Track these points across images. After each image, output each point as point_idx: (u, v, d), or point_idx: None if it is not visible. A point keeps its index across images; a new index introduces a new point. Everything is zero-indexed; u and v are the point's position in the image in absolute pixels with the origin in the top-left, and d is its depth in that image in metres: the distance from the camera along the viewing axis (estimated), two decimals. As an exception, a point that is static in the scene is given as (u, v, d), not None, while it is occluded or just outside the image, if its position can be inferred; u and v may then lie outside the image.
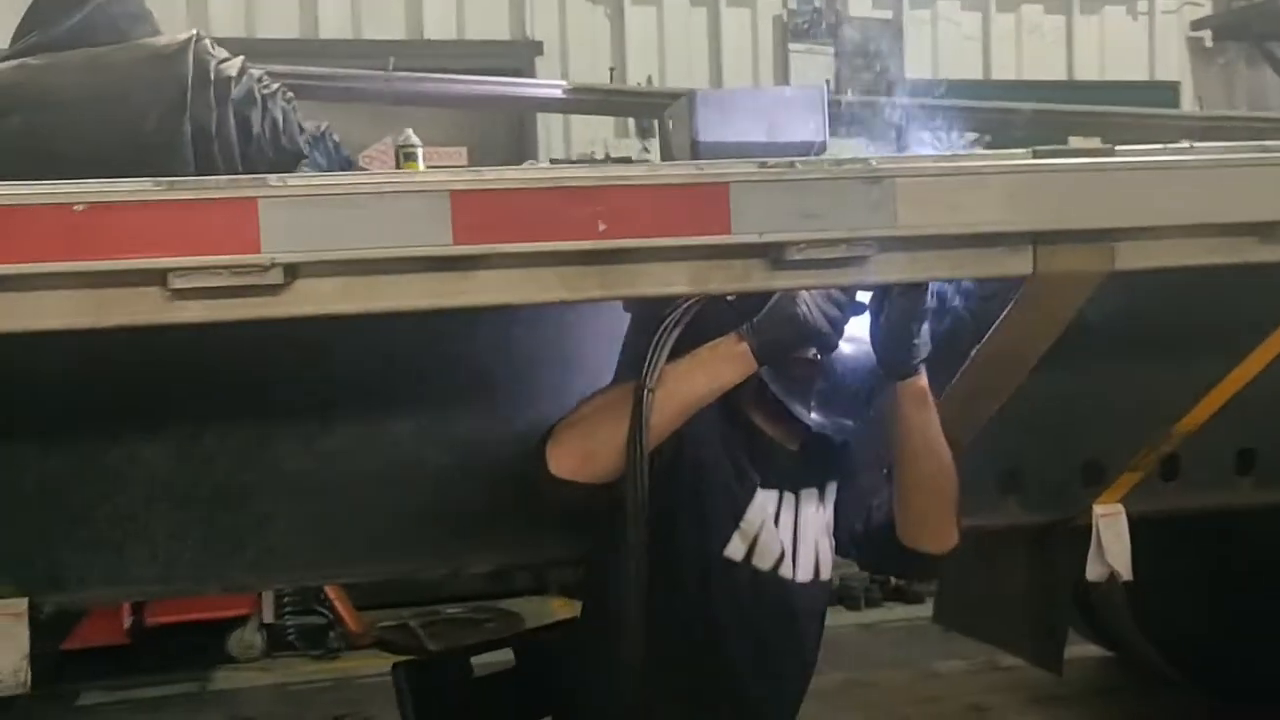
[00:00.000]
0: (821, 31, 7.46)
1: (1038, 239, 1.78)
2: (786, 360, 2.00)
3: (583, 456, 1.91)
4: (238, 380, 2.27)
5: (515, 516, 2.39)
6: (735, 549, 2.16)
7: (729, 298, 1.94)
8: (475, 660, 2.54)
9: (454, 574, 2.51)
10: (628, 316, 2.25)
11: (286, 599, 6.10)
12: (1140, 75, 8.02)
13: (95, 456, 2.25)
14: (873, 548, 2.20)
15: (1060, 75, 7.91)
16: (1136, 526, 2.75)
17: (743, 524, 2.16)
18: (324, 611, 6.16)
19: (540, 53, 7.11)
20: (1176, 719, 4.76)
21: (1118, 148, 1.82)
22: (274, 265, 1.51)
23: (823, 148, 2.46)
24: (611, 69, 7.20)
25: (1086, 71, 7.95)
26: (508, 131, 6.91)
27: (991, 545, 3.10)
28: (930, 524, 2.09)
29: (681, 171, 1.64)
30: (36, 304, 1.51)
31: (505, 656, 2.58)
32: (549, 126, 7.11)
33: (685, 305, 1.95)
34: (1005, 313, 1.94)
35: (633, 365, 2.13)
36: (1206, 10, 8.03)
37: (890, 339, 1.91)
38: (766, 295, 1.91)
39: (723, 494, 2.15)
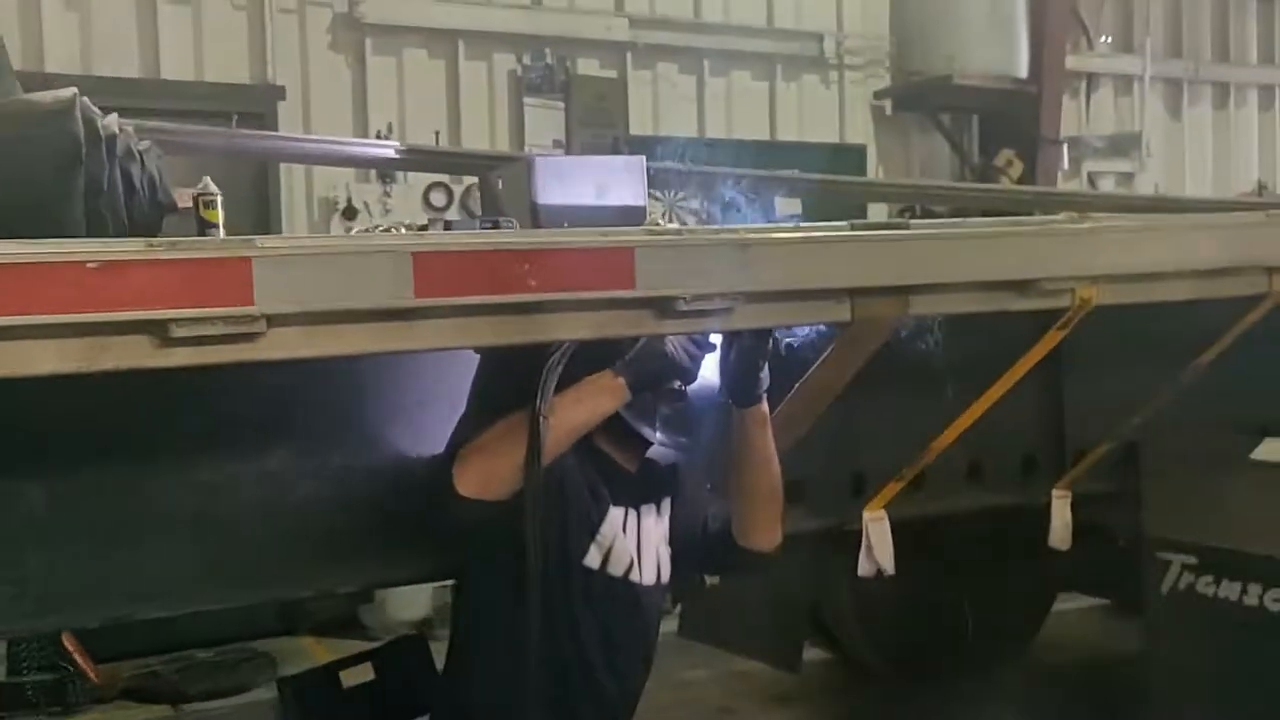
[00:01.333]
0: (554, 87, 7.90)
1: (854, 293, 2.24)
2: (655, 391, 2.36)
3: (485, 477, 2.21)
4: (114, 420, 2.39)
5: (377, 541, 2.64)
6: (592, 558, 2.50)
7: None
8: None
9: (320, 596, 2.67)
10: (473, 361, 2.56)
11: (23, 654, 5.85)
12: (833, 138, 8.94)
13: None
14: (711, 552, 2.60)
15: (765, 135, 8.69)
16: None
17: (599, 536, 2.50)
18: (65, 665, 5.95)
19: (283, 98, 7.18)
20: (889, 709, 5.38)
21: (911, 220, 2.30)
22: (261, 316, 1.74)
23: (643, 212, 2.86)
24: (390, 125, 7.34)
25: (788, 133, 8.77)
26: (254, 176, 6.93)
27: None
28: (763, 526, 2.52)
29: (595, 238, 1.98)
30: (36, 351, 1.67)
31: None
32: (291, 170, 7.19)
33: (565, 346, 2.28)
34: (828, 352, 2.39)
35: (484, 399, 2.46)
36: (887, 82, 9.06)
37: (740, 373, 2.32)
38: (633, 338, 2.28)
39: (580, 511, 2.49)
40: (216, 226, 2.85)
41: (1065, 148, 8.97)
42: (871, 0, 8.99)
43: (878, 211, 7.94)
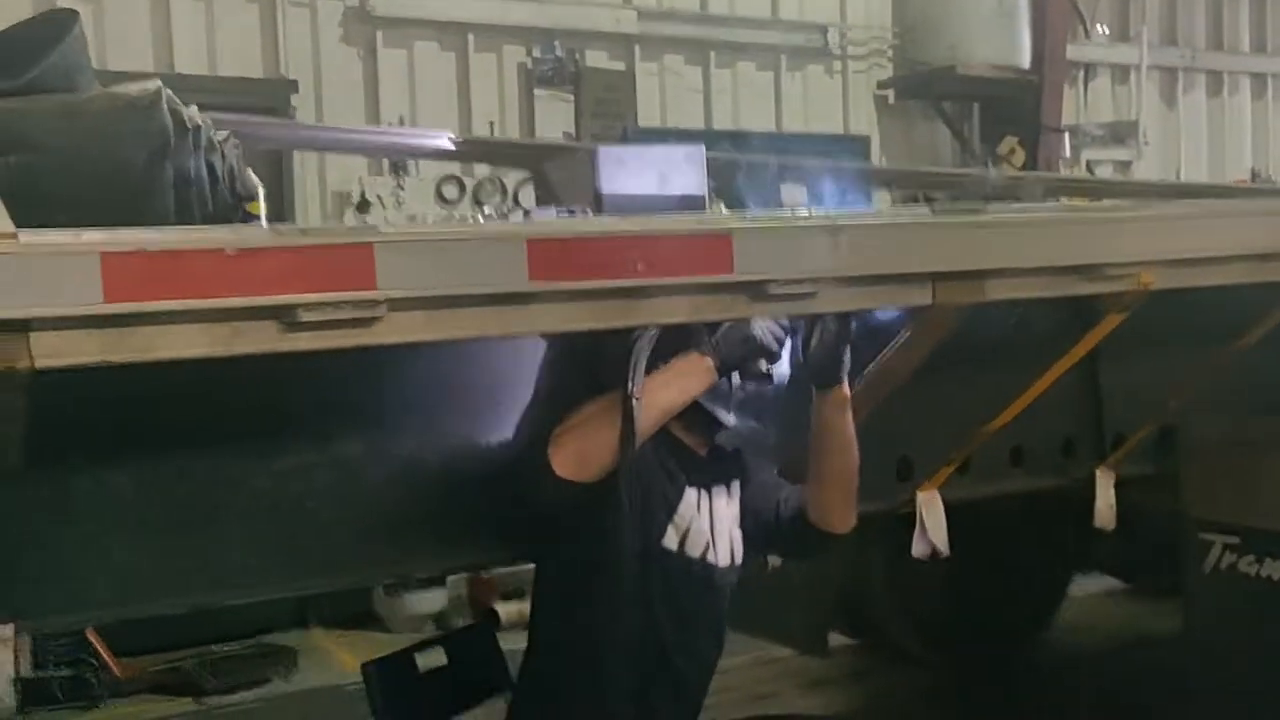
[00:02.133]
0: (563, 79, 7.93)
1: (935, 277, 2.29)
2: (742, 372, 2.41)
3: (581, 457, 2.26)
4: (189, 409, 2.42)
5: (451, 527, 2.68)
6: (670, 540, 2.55)
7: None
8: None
9: (398, 580, 2.72)
10: (535, 349, 2.60)
11: (48, 649, 5.87)
12: (837, 128, 9.00)
13: (58, 483, 2.35)
14: (784, 533, 2.66)
15: (770, 126, 8.75)
16: (895, 527, 3.30)
17: (676, 518, 2.55)
18: (89, 659, 5.97)
19: (295, 91, 7.18)
20: (922, 691, 5.46)
21: (984, 207, 2.36)
22: (384, 300, 1.78)
23: (704, 201, 2.91)
24: (401, 118, 7.36)
25: (793, 123, 8.83)
26: (267, 170, 6.93)
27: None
28: (839, 508, 2.57)
29: (695, 224, 2.03)
30: (178, 335, 1.70)
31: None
32: (304, 163, 7.20)
33: (652, 330, 2.33)
34: (904, 335, 2.44)
35: (551, 386, 2.51)
36: (890, 72, 9.12)
37: (823, 356, 2.37)
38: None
39: (659, 493, 2.54)
40: (258, 218, 2.88)
41: (1067, 136, 9.04)
42: (874, -9, 9.06)
43: (880, 200, 8.01)
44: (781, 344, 2.34)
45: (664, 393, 2.31)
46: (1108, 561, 5.62)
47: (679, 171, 2.91)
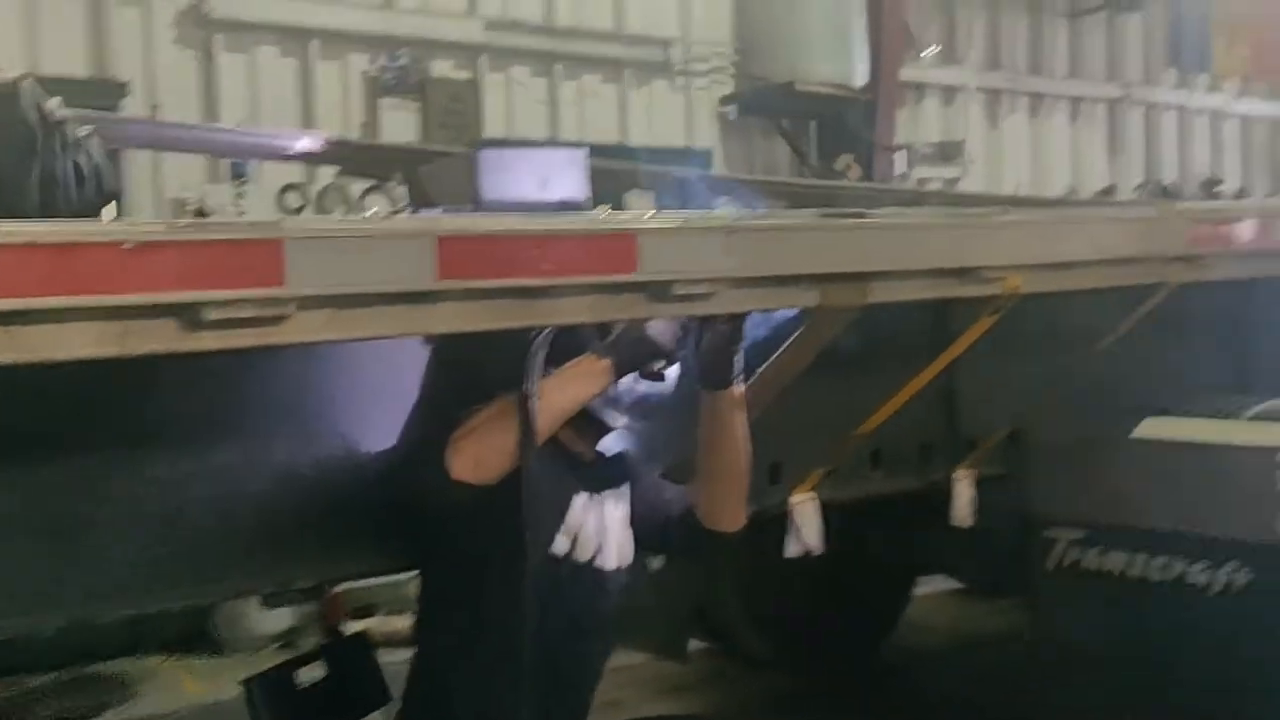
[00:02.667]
0: (409, 88, 7.83)
1: (822, 279, 2.35)
2: (640, 373, 2.42)
3: (478, 460, 2.23)
4: (63, 415, 2.31)
5: (333, 534, 2.61)
6: (560, 545, 2.54)
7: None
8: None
9: (279, 590, 2.62)
10: (417, 352, 2.57)
11: None
12: (681, 141, 9.13)
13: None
14: (674, 534, 2.67)
15: (616, 139, 8.81)
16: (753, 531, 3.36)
17: (566, 523, 2.54)
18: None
19: (126, 94, 6.89)
20: (774, 695, 5.56)
21: (868, 212, 2.43)
22: (292, 299, 1.72)
23: (584, 204, 2.92)
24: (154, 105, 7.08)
25: (638, 136, 8.91)
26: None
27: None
28: (730, 507, 2.60)
29: (600, 224, 2.03)
30: (65, 334, 1.61)
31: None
32: (138, 167, 6.91)
33: (546, 331, 2.31)
34: (794, 337, 2.49)
35: (441, 388, 2.48)
36: (732, 88, 9.31)
37: (716, 357, 2.39)
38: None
39: (548, 498, 2.52)
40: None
41: (900, 153, 9.39)
42: (716, 9, 9.23)
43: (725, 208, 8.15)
44: (677, 345, 2.36)
45: (561, 395, 2.30)
46: (949, 563, 5.82)
47: (559, 175, 2.93)
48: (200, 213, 7.01)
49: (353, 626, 6.11)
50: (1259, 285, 4.00)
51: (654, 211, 2.45)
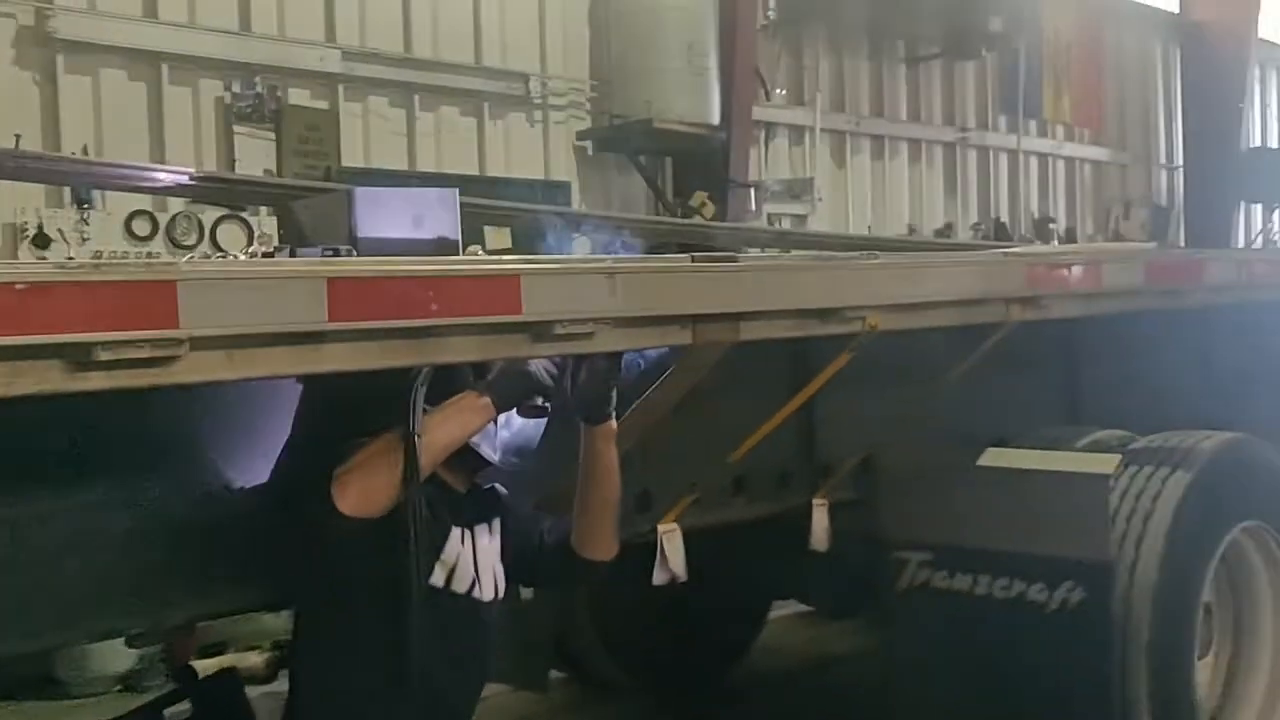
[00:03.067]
0: (264, 116, 7.73)
1: (696, 319, 2.46)
2: (519, 408, 2.48)
3: (364, 494, 2.27)
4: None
5: (204, 571, 2.60)
6: (437, 577, 2.58)
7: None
8: None
9: (144, 632, 2.57)
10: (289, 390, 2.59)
11: None
12: (539, 174, 9.22)
13: None
14: (549, 564, 2.74)
15: (474, 170, 8.85)
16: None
17: (443, 556, 2.59)
18: None
19: (-41, 117, 6.63)
20: (627, 715, 5.64)
21: (740, 256, 2.56)
22: (186, 339, 1.75)
23: (457, 245, 2.98)
24: (17, 135, 6.87)
25: (495, 169, 8.97)
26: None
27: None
28: (603, 537, 2.69)
29: (486, 266, 2.10)
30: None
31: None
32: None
33: (425, 369, 2.36)
34: (667, 373, 2.60)
35: (311, 425, 2.52)
36: (589, 124, 9.45)
37: (594, 392, 2.48)
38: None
39: (425, 532, 2.56)
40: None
41: (753, 190, 9.66)
42: (574, 44, 9.38)
43: (581, 245, 8.26)
44: (556, 381, 2.44)
45: (443, 430, 2.36)
46: (802, 587, 5.99)
47: (433, 214, 2.96)
48: (40, 239, 6.80)
49: (202, 665, 5.99)
50: (1087, 325, 4.31)
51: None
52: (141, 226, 7.08)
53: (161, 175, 3.76)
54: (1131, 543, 3.64)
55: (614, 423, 2.57)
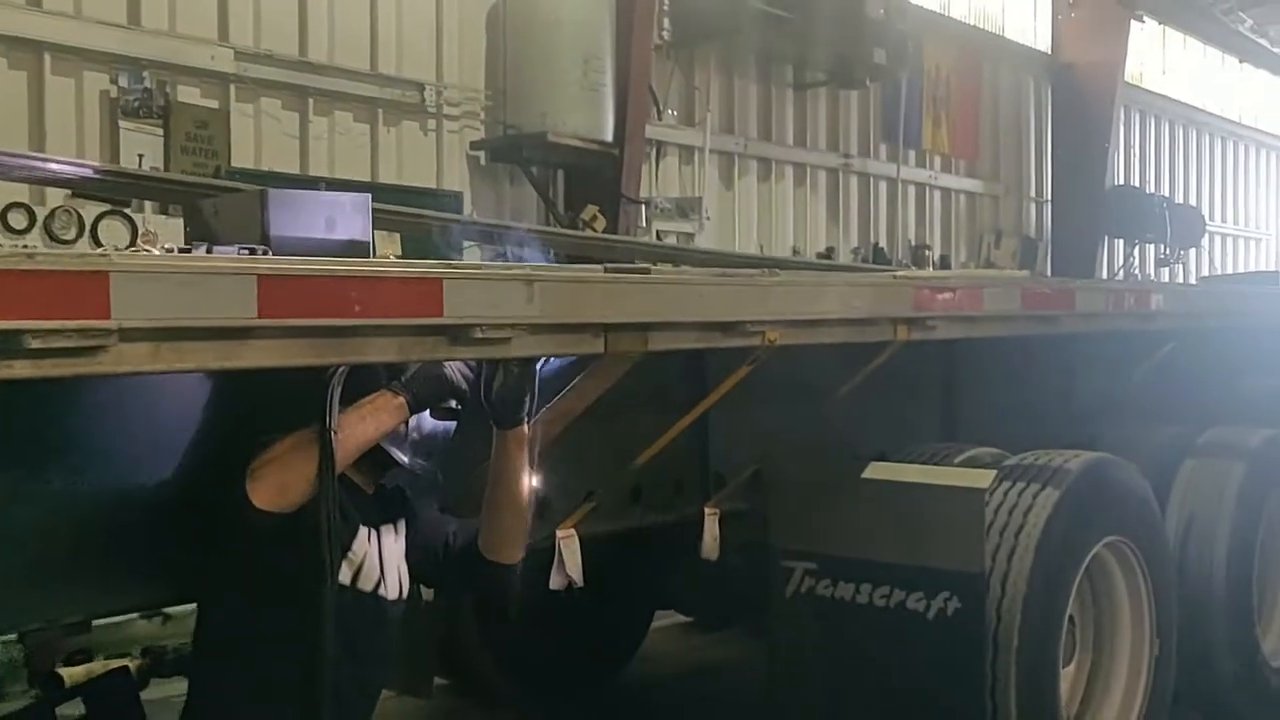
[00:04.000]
0: (151, 112, 7.59)
1: (608, 329, 2.54)
2: (433, 410, 2.53)
3: (280, 488, 2.30)
4: None
5: (102, 567, 2.59)
6: (344, 575, 2.62)
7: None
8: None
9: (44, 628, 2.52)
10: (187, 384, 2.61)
11: None
12: (431, 183, 9.21)
13: None
14: (455, 566, 2.79)
15: (366, 177, 8.79)
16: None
17: (350, 554, 2.63)
18: None
19: None
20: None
21: (652, 268, 2.65)
22: (115, 330, 1.77)
23: (368, 247, 3.02)
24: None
25: (388, 175, 8.93)
26: None
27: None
28: (511, 540, 2.75)
29: (410, 268, 2.15)
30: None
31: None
32: None
33: (341, 368, 2.40)
34: (577, 380, 2.67)
35: (221, 421, 2.54)
36: (483, 134, 9.48)
37: (508, 397, 2.54)
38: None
39: (333, 530, 2.59)
40: None
41: (644, 207, 9.80)
42: (470, 55, 9.40)
43: (472, 254, 8.29)
44: (470, 384, 2.50)
45: (359, 428, 2.40)
46: (685, 596, 6.10)
47: (345, 218, 3.00)
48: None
49: (68, 673, 5.84)
50: (964, 348, 4.52)
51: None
52: (18, 219, 6.87)
53: (62, 167, 3.69)
54: (1004, 555, 3.83)
55: (526, 427, 2.64)
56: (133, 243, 6.86)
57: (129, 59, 7.52)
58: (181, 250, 2.46)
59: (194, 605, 2.69)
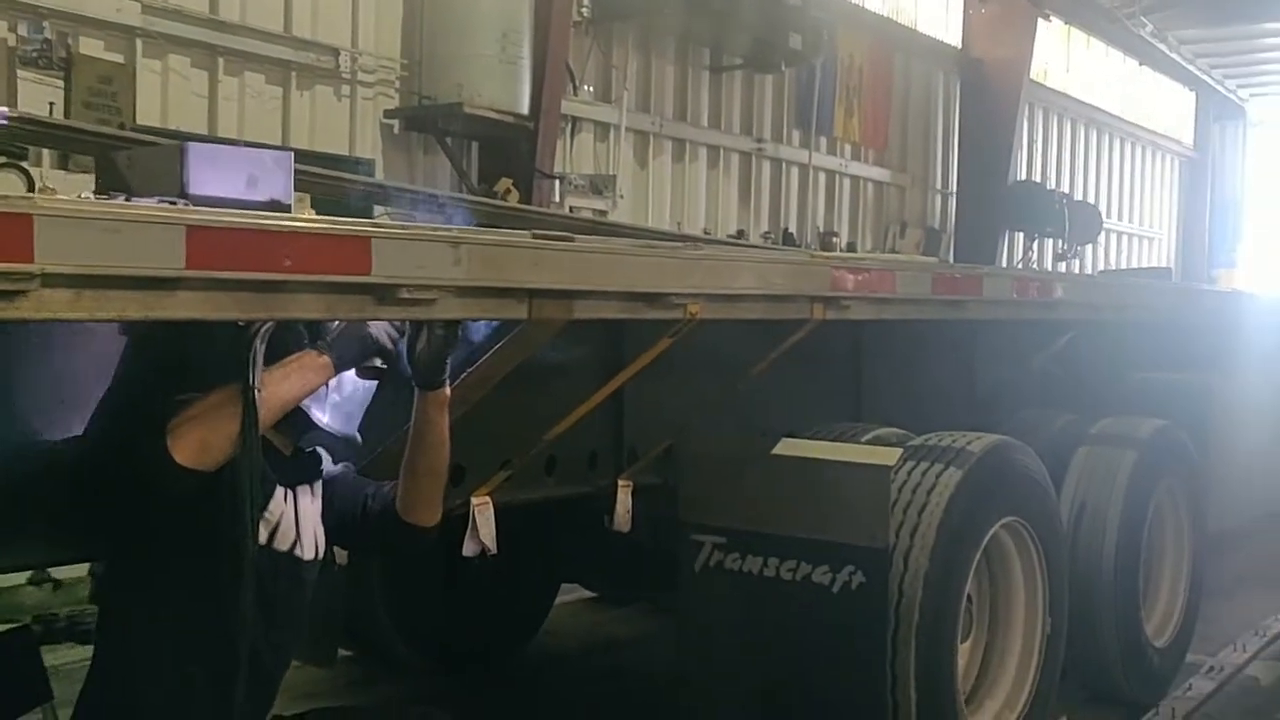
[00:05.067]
0: (52, 64, 7.36)
1: (533, 294, 2.55)
2: (358, 370, 2.51)
3: (202, 446, 2.26)
4: None
5: (6, 526, 2.53)
6: (261, 535, 2.59)
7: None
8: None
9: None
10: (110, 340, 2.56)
11: None
12: (343, 150, 9.08)
13: None
14: (373, 528, 2.78)
15: (277, 140, 8.63)
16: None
17: (267, 514, 2.60)
18: None
19: None
20: (414, 698, 5.65)
21: (577, 236, 2.67)
22: (39, 274, 1.73)
23: (289, 207, 2.98)
24: None
25: (299, 140, 8.78)
26: None
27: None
28: (428, 503, 2.75)
29: (338, 225, 2.14)
30: None
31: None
32: None
33: (265, 325, 2.37)
34: (500, 345, 2.68)
35: (137, 377, 2.50)
36: (397, 103, 9.37)
37: (431, 359, 2.54)
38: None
39: (254, 489, 2.56)
40: None
41: (558, 182, 9.78)
42: (387, 23, 9.28)
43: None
44: (396, 344, 2.49)
45: (283, 386, 2.38)
46: (592, 569, 6.14)
47: (267, 175, 2.94)
48: None
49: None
50: (873, 330, 4.61)
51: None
52: (-91, 168, 6.63)
53: (-27, 113, 3.57)
54: (908, 532, 3.93)
55: (448, 390, 2.64)
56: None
57: (28, 6, 7.28)
58: (99, 197, 2.40)
59: (85, 571, 2.65)
